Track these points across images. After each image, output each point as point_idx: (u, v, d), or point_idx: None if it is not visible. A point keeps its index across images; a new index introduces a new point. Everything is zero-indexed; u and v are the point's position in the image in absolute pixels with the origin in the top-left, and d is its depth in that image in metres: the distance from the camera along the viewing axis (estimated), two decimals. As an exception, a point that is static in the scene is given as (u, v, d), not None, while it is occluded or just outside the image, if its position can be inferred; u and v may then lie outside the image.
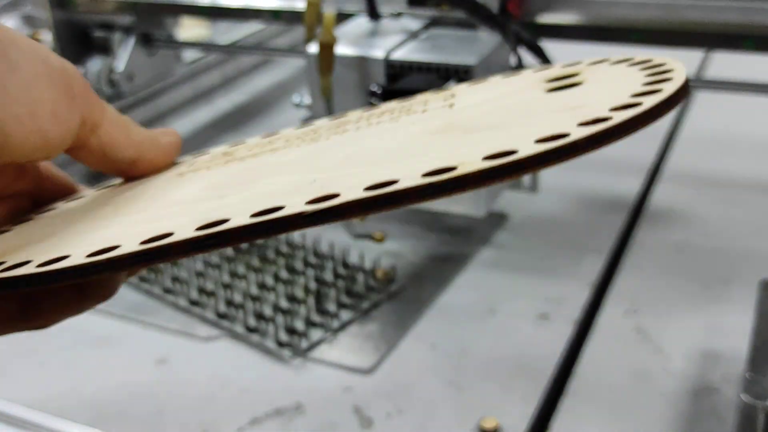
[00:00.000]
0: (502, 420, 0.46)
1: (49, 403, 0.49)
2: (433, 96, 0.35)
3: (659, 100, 0.24)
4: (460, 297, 0.58)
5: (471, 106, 0.31)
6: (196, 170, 0.33)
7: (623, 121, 0.24)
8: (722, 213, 0.67)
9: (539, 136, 0.24)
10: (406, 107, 0.34)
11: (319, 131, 0.34)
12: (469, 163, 0.23)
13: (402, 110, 0.33)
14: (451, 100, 0.33)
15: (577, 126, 0.24)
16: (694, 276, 0.59)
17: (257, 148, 0.34)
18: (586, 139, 0.23)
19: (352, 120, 0.34)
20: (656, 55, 0.32)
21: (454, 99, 0.33)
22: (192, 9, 0.81)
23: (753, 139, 0.80)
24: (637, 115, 0.24)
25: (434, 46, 0.57)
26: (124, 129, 0.32)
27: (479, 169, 0.23)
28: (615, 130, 0.24)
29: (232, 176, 0.31)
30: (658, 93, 0.25)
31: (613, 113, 0.24)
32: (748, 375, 0.36)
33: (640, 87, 0.26)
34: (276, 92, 1.02)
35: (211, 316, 0.56)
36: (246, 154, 0.34)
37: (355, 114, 0.35)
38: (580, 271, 0.59)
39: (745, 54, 0.60)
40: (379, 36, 0.58)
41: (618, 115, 0.24)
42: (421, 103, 0.34)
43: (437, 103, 0.33)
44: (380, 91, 0.52)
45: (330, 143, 0.31)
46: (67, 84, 0.29)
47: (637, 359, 0.50)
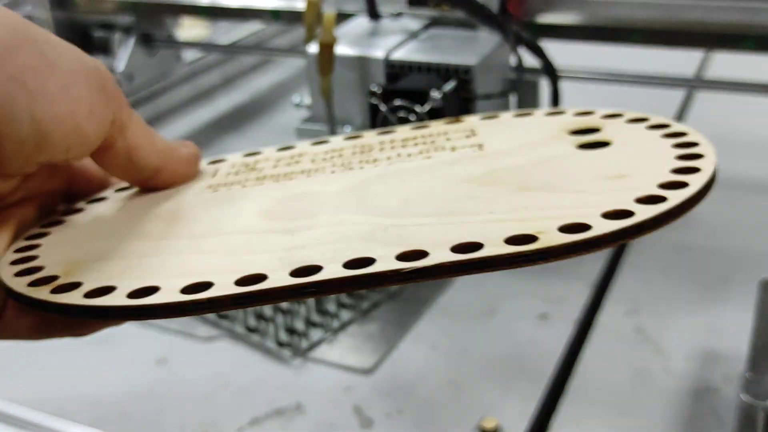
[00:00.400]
0: (502, 420, 0.46)
1: (49, 403, 0.49)
2: (451, 128, 0.35)
3: (685, 197, 0.26)
4: (460, 297, 0.58)
5: (504, 153, 0.32)
6: (230, 185, 0.33)
7: (681, 203, 0.25)
8: (722, 213, 0.67)
9: (603, 209, 0.25)
10: (428, 140, 0.35)
11: (343, 154, 0.35)
12: (547, 234, 0.24)
13: (426, 143, 0.34)
14: (474, 139, 0.34)
15: (636, 203, 0.25)
16: (694, 276, 0.59)
17: (283, 165, 0.35)
18: (651, 220, 0.25)
19: (375, 146, 0.35)
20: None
21: (476, 138, 0.34)
22: (192, 9, 0.81)
23: (753, 139, 0.80)
24: (691, 196, 0.26)
25: (434, 46, 0.57)
26: (149, 135, 0.32)
27: (562, 244, 0.24)
28: (675, 212, 0.25)
29: (282, 204, 0.31)
30: (685, 188, 0.26)
31: (668, 192, 0.26)
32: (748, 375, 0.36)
33: (675, 161, 0.28)
34: (276, 92, 1.02)
35: (211, 316, 0.56)
36: (274, 171, 0.34)
37: (373, 137, 0.35)
38: (580, 271, 0.59)
39: (745, 54, 0.60)
40: (379, 36, 0.58)
41: (674, 196, 0.25)
42: (443, 137, 0.34)
43: (462, 141, 0.34)
44: (380, 91, 0.52)
45: (369, 175, 0.32)
46: (101, 83, 0.29)
47: (637, 359, 0.50)
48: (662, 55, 0.67)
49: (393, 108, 0.52)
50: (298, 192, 0.31)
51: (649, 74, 0.67)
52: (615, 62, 0.70)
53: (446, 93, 0.51)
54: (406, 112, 0.52)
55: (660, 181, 0.27)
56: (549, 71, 0.57)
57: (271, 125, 0.92)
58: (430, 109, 0.51)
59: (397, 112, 0.52)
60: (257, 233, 0.28)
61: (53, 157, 0.28)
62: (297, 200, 0.31)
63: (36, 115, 0.27)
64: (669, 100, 0.88)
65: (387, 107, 0.52)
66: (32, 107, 0.27)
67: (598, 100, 0.94)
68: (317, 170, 0.33)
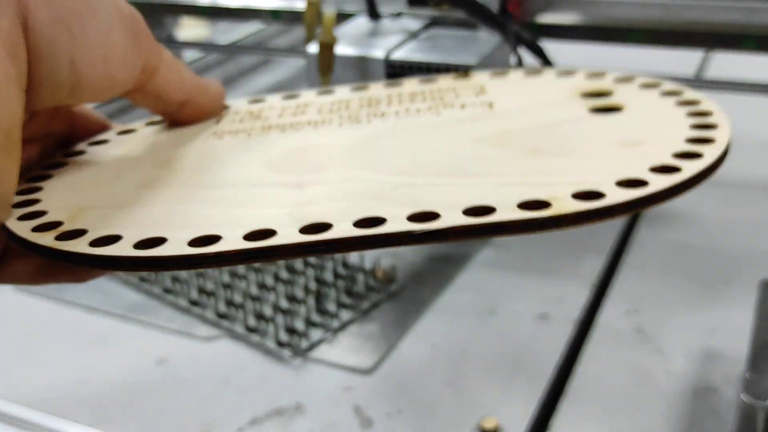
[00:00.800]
0: (502, 420, 0.46)
1: (49, 403, 0.49)
2: (460, 84, 0.35)
3: (699, 168, 0.25)
4: (460, 297, 0.58)
5: (515, 113, 0.32)
6: (235, 134, 0.33)
7: (695, 174, 0.25)
8: (722, 213, 0.67)
9: (616, 177, 0.25)
10: (436, 95, 0.34)
11: (350, 106, 0.35)
12: (561, 200, 0.24)
13: (435, 98, 0.34)
14: (484, 97, 0.34)
15: (650, 172, 0.25)
16: (694, 276, 0.59)
17: (289, 115, 0.35)
18: (665, 191, 0.24)
19: (382, 99, 0.35)
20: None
21: (486, 96, 0.34)
22: (192, 9, 0.81)
23: (753, 139, 0.80)
24: (706, 168, 0.25)
25: (434, 46, 0.57)
26: (178, 73, 0.32)
27: (575, 212, 0.23)
28: (689, 183, 0.25)
29: (290, 156, 0.30)
30: (699, 159, 0.26)
31: (682, 163, 0.25)
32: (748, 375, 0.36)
33: (689, 130, 0.28)
34: (276, 92, 1.02)
35: (211, 316, 0.56)
36: (280, 121, 0.34)
37: (380, 89, 0.35)
38: (580, 271, 0.59)
39: (745, 54, 0.60)
40: (379, 36, 0.58)
41: (688, 167, 0.25)
42: (452, 93, 0.34)
43: (471, 99, 0.34)
44: (380, 91, 0.52)
45: (377, 129, 0.32)
46: (135, 30, 0.30)
47: (637, 359, 0.50)
48: (662, 55, 0.67)
49: (393, 108, 0.52)
50: (306, 144, 0.31)
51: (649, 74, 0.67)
52: (615, 62, 0.70)
53: (446, 93, 0.51)
54: (406, 112, 0.52)
55: (674, 150, 0.26)
56: (549, 71, 0.57)
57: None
58: (430, 109, 0.51)
59: (397, 112, 0.52)
60: (265, 186, 0.28)
61: (81, 100, 0.28)
62: (305, 153, 0.30)
63: (75, 58, 0.27)
64: (669, 100, 0.88)
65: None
66: (73, 51, 0.27)
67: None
68: (324, 122, 0.33)
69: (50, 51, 0.26)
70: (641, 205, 0.24)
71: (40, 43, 0.26)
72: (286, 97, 0.36)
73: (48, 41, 0.26)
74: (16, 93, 0.25)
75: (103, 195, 0.29)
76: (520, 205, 0.24)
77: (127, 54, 0.29)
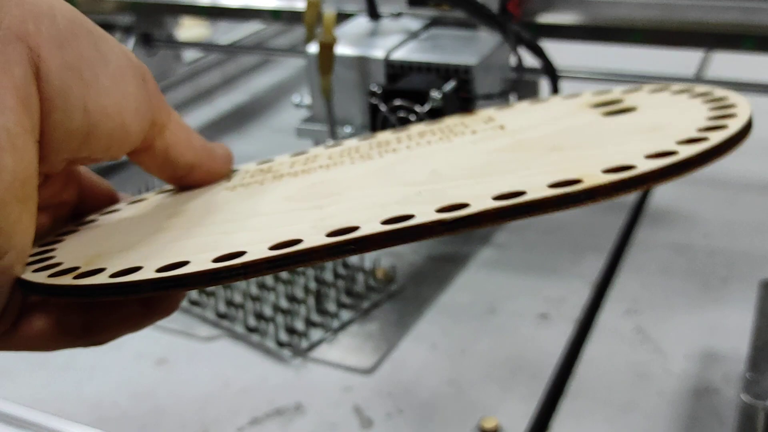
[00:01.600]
0: (502, 420, 0.46)
1: (49, 403, 0.49)
2: (469, 119, 0.35)
3: (726, 136, 0.25)
4: (460, 297, 0.58)
5: (528, 127, 0.31)
6: (248, 185, 0.33)
7: (722, 141, 0.25)
8: (722, 213, 0.67)
9: (646, 152, 0.24)
10: (446, 129, 0.34)
11: (360, 149, 0.34)
12: (591, 176, 0.23)
13: (444, 132, 0.34)
14: (493, 123, 0.33)
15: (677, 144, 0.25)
16: (694, 276, 0.59)
17: (299, 165, 0.34)
18: (696, 156, 0.24)
19: (392, 140, 0.34)
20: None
21: (496, 122, 0.33)
22: (192, 9, 0.81)
23: (753, 139, 0.80)
24: (732, 135, 0.25)
25: (434, 46, 0.57)
26: (187, 133, 0.32)
27: (608, 182, 0.23)
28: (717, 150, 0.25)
29: (305, 190, 0.30)
30: (724, 129, 0.25)
31: (707, 134, 0.25)
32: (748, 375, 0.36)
33: (705, 121, 0.27)
34: (276, 92, 1.02)
35: (211, 316, 0.56)
36: (292, 170, 0.33)
37: (387, 135, 0.35)
38: (580, 271, 0.59)
39: (745, 54, 0.60)
40: (379, 36, 0.58)
41: (714, 136, 0.25)
42: (461, 125, 0.34)
43: (481, 126, 0.33)
44: (380, 91, 0.52)
45: (392, 160, 0.31)
46: (146, 82, 0.29)
47: (637, 359, 0.50)
48: (662, 55, 0.67)
49: (393, 108, 0.52)
50: (321, 180, 0.31)
51: (649, 74, 0.67)
52: (615, 62, 0.70)
53: (446, 93, 0.51)
54: (406, 112, 0.52)
55: (698, 126, 0.26)
56: (549, 71, 0.57)
57: (271, 125, 0.92)
58: (430, 109, 0.51)
59: (397, 112, 0.52)
60: (285, 212, 0.28)
61: (94, 153, 0.28)
62: (320, 185, 0.30)
63: (88, 106, 0.27)
64: (669, 100, 0.88)
65: (387, 107, 0.52)
66: (86, 98, 0.26)
67: (598, 100, 0.93)
68: (336, 164, 0.33)
69: (63, 99, 0.26)
70: (674, 172, 0.23)
71: (53, 92, 0.26)
72: (295, 154, 0.36)
73: (60, 89, 0.26)
74: (31, 143, 0.25)
75: (118, 243, 0.28)
76: (551, 185, 0.23)
77: (139, 104, 0.28)
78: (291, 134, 0.60)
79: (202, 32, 1.20)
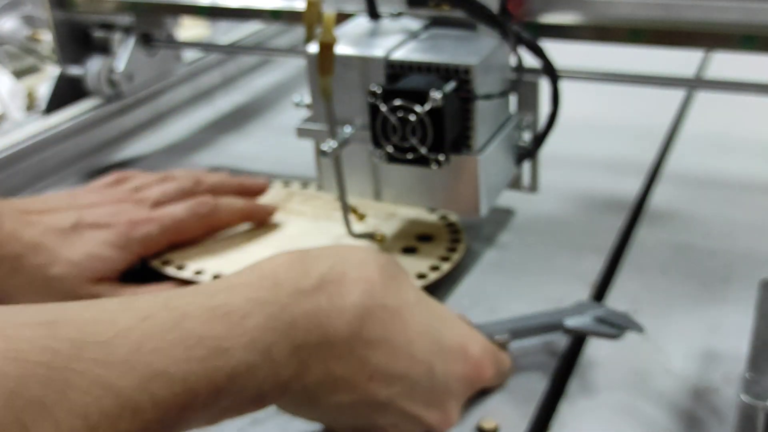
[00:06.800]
0: (502, 420, 0.46)
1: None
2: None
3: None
4: (461, 297, 0.58)
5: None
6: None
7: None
8: (722, 213, 0.67)
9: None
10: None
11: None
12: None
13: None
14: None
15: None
16: (694, 276, 0.59)
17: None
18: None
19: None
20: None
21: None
22: (192, 9, 0.81)
23: (753, 139, 0.80)
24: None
25: (434, 46, 0.57)
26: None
27: None
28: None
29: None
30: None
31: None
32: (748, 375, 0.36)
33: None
34: (276, 92, 1.02)
35: (211, 316, 0.56)
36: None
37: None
38: (580, 271, 0.59)
39: (745, 54, 0.60)
40: (379, 36, 0.58)
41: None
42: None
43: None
44: (380, 91, 0.52)
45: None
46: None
47: (637, 359, 0.50)
48: (662, 55, 0.67)
49: (393, 108, 0.52)
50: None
51: (649, 74, 0.67)
52: (615, 62, 0.70)
53: (446, 93, 0.51)
54: (406, 112, 0.52)
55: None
56: (549, 71, 0.57)
57: (271, 125, 0.92)
58: (430, 109, 0.51)
59: (397, 112, 0.52)
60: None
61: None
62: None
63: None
64: (669, 100, 0.88)
65: (387, 107, 0.52)
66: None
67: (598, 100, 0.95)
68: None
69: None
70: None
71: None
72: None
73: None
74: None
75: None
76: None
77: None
78: (291, 134, 0.60)
79: (202, 32, 1.20)
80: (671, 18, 0.60)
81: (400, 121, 0.52)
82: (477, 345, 0.45)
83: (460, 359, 0.44)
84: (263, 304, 0.36)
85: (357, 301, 0.39)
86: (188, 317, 0.34)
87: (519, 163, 0.63)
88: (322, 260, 0.39)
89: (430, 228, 0.62)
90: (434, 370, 0.42)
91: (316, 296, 0.38)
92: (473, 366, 0.45)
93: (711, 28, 0.60)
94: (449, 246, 0.60)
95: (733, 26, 0.59)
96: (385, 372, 0.40)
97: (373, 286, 0.40)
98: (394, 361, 0.40)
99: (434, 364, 0.42)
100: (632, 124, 0.85)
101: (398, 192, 0.59)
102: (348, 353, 0.38)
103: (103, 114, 0.83)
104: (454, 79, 0.53)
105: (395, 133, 0.53)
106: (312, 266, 0.39)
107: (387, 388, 0.40)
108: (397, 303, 0.41)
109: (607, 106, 0.88)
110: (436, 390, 0.42)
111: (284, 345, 0.36)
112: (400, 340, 0.40)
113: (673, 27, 0.61)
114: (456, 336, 0.44)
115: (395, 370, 0.40)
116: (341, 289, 0.38)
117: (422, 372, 0.41)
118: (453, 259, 0.58)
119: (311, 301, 0.37)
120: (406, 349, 0.40)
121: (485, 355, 0.46)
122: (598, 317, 0.49)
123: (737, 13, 0.58)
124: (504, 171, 0.61)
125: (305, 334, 0.37)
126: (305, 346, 0.37)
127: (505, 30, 0.56)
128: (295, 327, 0.36)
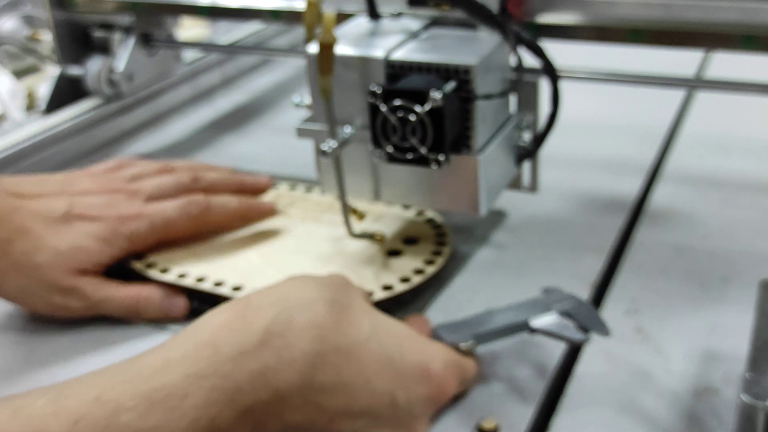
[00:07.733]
0: (502, 420, 0.46)
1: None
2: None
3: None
4: (460, 297, 0.58)
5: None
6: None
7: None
8: (722, 213, 0.67)
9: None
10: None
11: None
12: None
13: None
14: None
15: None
16: (694, 276, 0.59)
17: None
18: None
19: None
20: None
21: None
22: (192, 9, 0.81)
23: (753, 139, 0.80)
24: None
25: (434, 46, 0.57)
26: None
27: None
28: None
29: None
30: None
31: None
32: (748, 375, 0.36)
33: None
34: (276, 92, 1.02)
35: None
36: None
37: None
38: (580, 271, 0.59)
39: (745, 54, 0.60)
40: (379, 36, 0.58)
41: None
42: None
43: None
44: (380, 91, 0.52)
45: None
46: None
47: (637, 359, 0.50)
48: (662, 55, 0.67)
49: (393, 108, 0.52)
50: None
51: (649, 74, 0.67)
52: (615, 62, 0.70)
53: (446, 93, 0.51)
54: (406, 112, 0.52)
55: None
56: (549, 71, 0.57)
57: (271, 125, 0.92)
58: (430, 109, 0.51)
59: (397, 112, 0.52)
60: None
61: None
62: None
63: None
64: (669, 100, 0.88)
65: (387, 107, 0.52)
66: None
67: (598, 100, 0.94)
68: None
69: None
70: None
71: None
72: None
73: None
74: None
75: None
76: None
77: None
78: (291, 134, 0.60)
79: (202, 32, 1.20)
80: (671, 18, 0.60)
81: (400, 121, 0.52)
82: (438, 361, 0.44)
83: (422, 381, 0.43)
84: (203, 378, 0.34)
85: (307, 349, 0.37)
86: (123, 411, 0.32)
87: (519, 163, 0.63)
88: (265, 310, 0.37)
89: (416, 230, 0.62)
90: (397, 400, 0.41)
91: (261, 354, 0.36)
92: (436, 386, 0.44)
93: (711, 28, 0.60)
94: (435, 249, 0.60)
95: (733, 26, 0.59)
96: (345, 412, 0.39)
97: (323, 331, 0.38)
98: (354, 400, 0.39)
99: (396, 394, 0.41)
100: (632, 124, 0.85)
101: (398, 192, 0.59)
102: (303, 402, 0.37)
103: (103, 114, 0.83)
104: (454, 79, 0.53)
105: (395, 133, 0.53)
106: (254, 320, 0.37)
107: (351, 422, 0.39)
108: (350, 342, 0.39)
109: (607, 106, 0.88)
110: (400, 417, 0.41)
111: (230, 413, 0.35)
112: (358, 381, 0.39)
113: (673, 27, 0.61)
114: (415, 357, 0.43)
115: (356, 408, 0.39)
116: (288, 340, 0.37)
117: (385, 404, 0.40)
118: (438, 262, 0.58)
119: (256, 361, 0.36)
120: (366, 387, 0.39)
121: (447, 370, 0.45)
122: (564, 311, 0.48)
123: (737, 13, 0.58)
124: (504, 171, 0.61)
125: (254, 394, 0.35)
126: (256, 405, 0.36)
127: (505, 30, 0.56)
128: (241, 392, 0.35)
